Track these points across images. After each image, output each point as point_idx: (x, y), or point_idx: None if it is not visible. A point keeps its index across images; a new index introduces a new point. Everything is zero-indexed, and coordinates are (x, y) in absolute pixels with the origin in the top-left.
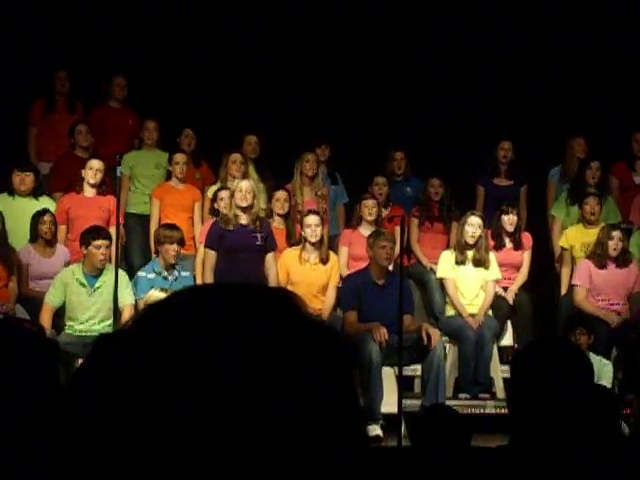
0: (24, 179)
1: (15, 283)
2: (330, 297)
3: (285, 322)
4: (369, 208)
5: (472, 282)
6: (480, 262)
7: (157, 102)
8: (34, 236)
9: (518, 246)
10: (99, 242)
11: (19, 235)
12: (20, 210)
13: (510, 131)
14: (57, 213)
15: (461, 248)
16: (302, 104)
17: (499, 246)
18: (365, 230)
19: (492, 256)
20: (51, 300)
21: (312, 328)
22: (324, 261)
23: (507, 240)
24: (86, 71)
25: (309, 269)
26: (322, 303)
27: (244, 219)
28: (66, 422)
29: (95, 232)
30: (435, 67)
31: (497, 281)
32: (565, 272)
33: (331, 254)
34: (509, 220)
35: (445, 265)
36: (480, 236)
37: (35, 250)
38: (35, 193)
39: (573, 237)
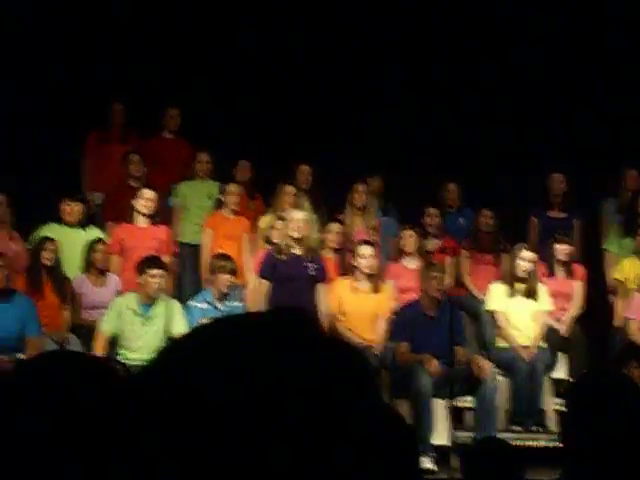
0: (73, 209)
1: (69, 312)
2: (381, 328)
3: (304, 343)
4: (405, 239)
5: (523, 314)
6: (530, 293)
7: (211, 132)
8: (87, 265)
9: (570, 275)
10: (154, 271)
11: (66, 265)
12: (68, 240)
13: (564, 162)
14: (112, 243)
15: (512, 281)
16: (355, 135)
17: (550, 274)
18: (408, 262)
19: (542, 287)
20: (105, 328)
21: (332, 347)
22: (376, 290)
23: (559, 269)
24: (140, 102)
25: (361, 299)
26: (374, 333)
27: (297, 249)
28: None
29: (151, 261)
30: (487, 99)
31: (549, 312)
32: (619, 304)
33: (384, 285)
34: (562, 249)
35: (495, 297)
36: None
37: (88, 279)
38: (83, 223)
39: (628, 269)
